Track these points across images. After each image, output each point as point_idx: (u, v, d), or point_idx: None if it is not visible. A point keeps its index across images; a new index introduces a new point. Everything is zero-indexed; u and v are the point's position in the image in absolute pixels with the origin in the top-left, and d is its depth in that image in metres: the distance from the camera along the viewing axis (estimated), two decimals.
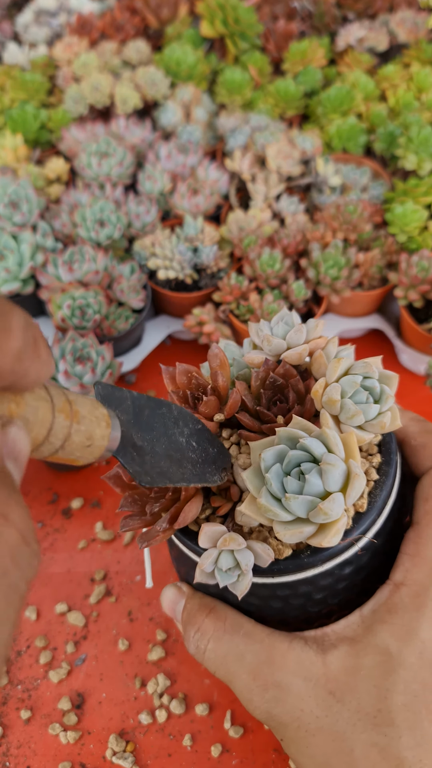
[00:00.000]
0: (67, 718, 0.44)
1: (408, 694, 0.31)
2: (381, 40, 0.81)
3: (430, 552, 0.33)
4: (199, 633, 0.34)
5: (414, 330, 0.60)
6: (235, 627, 0.34)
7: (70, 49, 0.80)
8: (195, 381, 0.33)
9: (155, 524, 0.31)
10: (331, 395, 0.31)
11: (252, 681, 0.32)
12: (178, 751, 0.43)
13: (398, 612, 0.32)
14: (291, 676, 0.32)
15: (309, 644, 0.33)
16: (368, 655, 0.32)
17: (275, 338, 0.34)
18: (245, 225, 0.64)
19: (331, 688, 0.31)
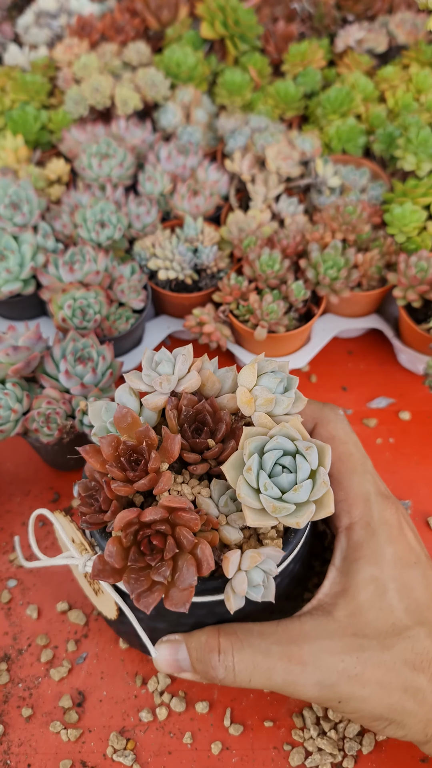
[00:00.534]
0: (68, 716, 0.45)
1: (403, 599, 0.37)
2: (380, 42, 0.81)
3: (356, 490, 0.39)
4: (222, 654, 0.35)
5: (412, 330, 0.60)
6: (247, 633, 0.36)
7: (71, 50, 0.80)
8: (123, 446, 0.34)
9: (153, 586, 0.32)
10: (264, 396, 0.35)
11: (289, 663, 0.35)
12: (179, 749, 0.43)
13: (362, 545, 0.38)
14: (317, 641, 0.35)
15: (314, 614, 0.37)
16: (361, 590, 0.37)
17: (171, 376, 0.37)
18: (245, 226, 0.64)
19: (352, 631, 0.36)
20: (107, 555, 0.32)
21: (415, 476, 0.58)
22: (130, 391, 0.39)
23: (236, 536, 0.35)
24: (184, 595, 0.32)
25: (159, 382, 0.36)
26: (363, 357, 0.67)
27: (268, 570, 0.34)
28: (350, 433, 0.42)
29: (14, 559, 0.53)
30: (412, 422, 0.62)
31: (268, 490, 0.32)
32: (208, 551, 0.32)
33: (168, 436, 0.35)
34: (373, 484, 0.40)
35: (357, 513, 0.39)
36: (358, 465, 0.40)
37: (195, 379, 0.37)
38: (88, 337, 0.53)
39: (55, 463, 0.57)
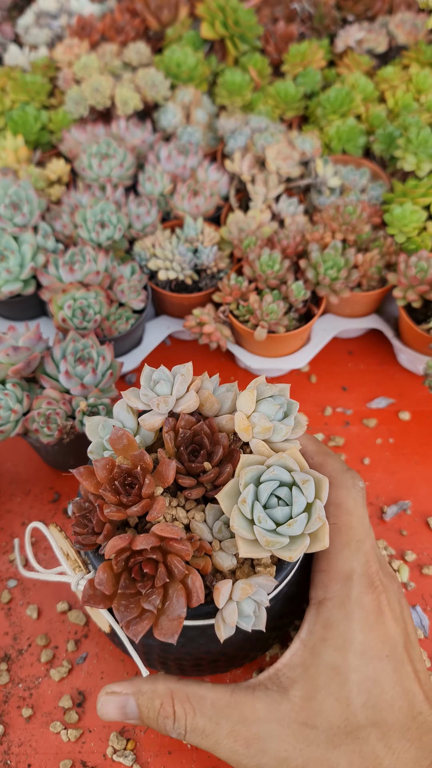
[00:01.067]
0: (68, 717, 0.45)
1: (363, 693, 0.34)
2: (380, 42, 0.81)
3: (341, 565, 0.37)
4: (177, 722, 0.35)
5: (412, 330, 0.60)
6: (200, 702, 0.35)
7: (71, 50, 0.81)
8: (117, 469, 0.34)
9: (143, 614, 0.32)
10: (263, 424, 0.34)
11: (234, 743, 0.34)
12: (179, 749, 0.43)
13: (332, 626, 0.36)
14: (266, 724, 0.34)
15: (269, 687, 0.35)
16: (320, 675, 0.35)
17: (169, 397, 0.36)
18: (245, 226, 0.64)
19: (302, 719, 0.34)
20: (97, 582, 0.31)
21: (415, 476, 0.58)
22: (127, 408, 0.38)
23: (229, 563, 0.35)
24: (173, 626, 0.31)
25: (156, 403, 0.36)
26: (363, 357, 0.67)
27: (259, 601, 0.34)
28: (359, 507, 0.39)
29: (14, 559, 0.53)
30: (412, 422, 0.62)
31: (262, 523, 0.32)
32: (198, 582, 0.32)
33: (163, 461, 0.34)
34: (362, 564, 0.37)
35: (334, 589, 0.37)
36: (353, 541, 0.38)
37: (193, 400, 0.36)
38: (88, 337, 0.53)
39: (56, 463, 0.57)
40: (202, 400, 0.37)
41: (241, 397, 0.35)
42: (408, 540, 0.54)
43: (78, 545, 0.34)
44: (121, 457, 0.35)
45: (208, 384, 0.38)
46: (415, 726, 0.34)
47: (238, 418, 0.35)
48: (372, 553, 0.38)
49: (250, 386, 0.36)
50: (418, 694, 0.35)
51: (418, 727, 0.34)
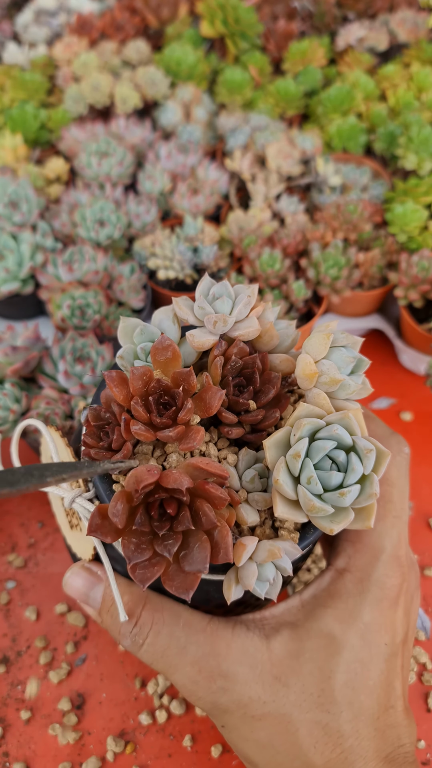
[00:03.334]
0: (67, 719, 0.44)
1: (349, 672, 0.32)
2: (381, 40, 0.81)
3: (372, 539, 0.35)
4: (138, 627, 0.32)
5: (414, 330, 0.60)
6: (174, 618, 0.32)
7: (70, 48, 0.80)
8: (155, 384, 0.30)
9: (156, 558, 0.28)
10: (332, 375, 0.30)
11: (197, 674, 0.32)
12: (179, 752, 0.43)
13: (341, 597, 0.34)
14: (237, 665, 0.32)
15: (251, 630, 0.33)
16: (311, 638, 0.33)
17: (229, 317, 0.31)
18: (245, 225, 0.64)
19: (276, 673, 0.32)
20: (112, 513, 0.27)
21: (416, 476, 0.57)
22: (174, 318, 0.33)
23: (253, 518, 0.31)
24: (188, 581, 0.27)
25: (214, 321, 0.31)
26: None
27: (281, 567, 0.30)
28: (401, 478, 0.36)
29: (13, 560, 0.52)
30: (414, 422, 0.62)
31: (310, 485, 0.29)
32: (227, 537, 0.27)
33: (209, 387, 0.30)
34: (394, 544, 0.35)
35: (357, 563, 0.35)
36: (390, 516, 0.35)
37: (254, 327, 0.32)
38: (87, 336, 0.53)
39: None
40: (262, 331, 0.33)
41: (313, 338, 0.31)
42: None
43: (87, 458, 0.30)
44: (159, 371, 0.31)
45: (270, 315, 0.34)
46: (385, 717, 0.33)
47: (305, 361, 0.30)
48: (405, 533, 0.36)
49: (322, 328, 0.31)
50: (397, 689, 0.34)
51: (386, 720, 0.33)
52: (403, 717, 0.34)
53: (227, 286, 0.33)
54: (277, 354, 0.33)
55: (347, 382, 0.30)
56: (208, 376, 0.31)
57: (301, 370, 0.30)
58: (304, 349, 0.31)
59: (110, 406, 0.30)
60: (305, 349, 0.31)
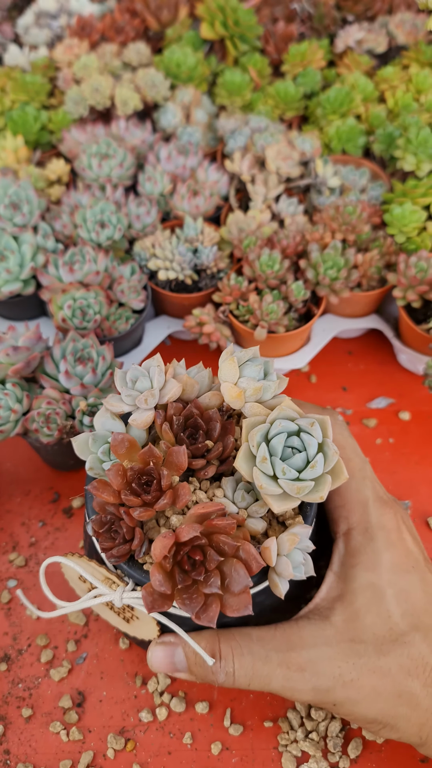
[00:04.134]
0: (68, 717, 0.45)
1: (401, 604, 0.37)
2: (380, 42, 0.81)
3: (354, 496, 0.40)
4: (223, 660, 0.36)
5: (412, 330, 0.60)
6: (246, 638, 0.37)
7: (71, 50, 0.80)
8: (130, 472, 0.34)
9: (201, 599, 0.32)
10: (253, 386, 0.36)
11: (287, 670, 0.36)
12: (178, 749, 0.43)
13: (360, 551, 0.38)
14: (314, 648, 0.36)
15: (311, 618, 0.37)
16: (358, 596, 0.37)
17: (154, 389, 0.37)
18: (245, 226, 0.64)
19: (349, 637, 0.36)
20: (157, 584, 0.31)
21: (415, 476, 0.58)
22: (111, 415, 0.38)
23: (261, 525, 0.36)
24: (242, 599, 0.32)
25: (144, 399, 0.36)
26: (363, 357, 0.67)
27: (304, 548, 0.35)
28: (348, 438, 0.42)
29: (14, 559, 0.53)
30: (412, 422, 0.62)
31: (286, 474, 0.33)
32: (252, 550, 0.32)
33: (172, 450, 0.34)
34: (372, 489, 0.40)
35: (355, 519, 0.39)
36: (357, 470, 0.40)
37: (176, 387, 0.37)
38: (88, 337, 0.53)
39: (55, 463, 0.57)
40: (183, 385, 0.38)
41: (224, 367, 0.36)
42: None
43: (113, 559, 0.34)
44: (126, 461, 0.35)
45: (180, 369, 0.39)
46: None
47: (227, 388, 0.36)
48: (374, 477, 0.41)
49: (226, 356, 0.37)
50: None
51: None
52: None
53: (136, 368, 0.38)
54: (204, 395, 0.38)
55: (266, 386, 0.36)
56: (165, 442, 0.36)
57: (228, 396, 0.36)
58: (221, 379, 0.36)
59: (105, 509, 0.35)
60: (222, 378, 0.36)
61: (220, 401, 0.38)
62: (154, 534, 0.35)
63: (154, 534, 0.35)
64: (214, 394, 0.38)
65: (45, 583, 0.40)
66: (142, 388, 0.37)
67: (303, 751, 0.43)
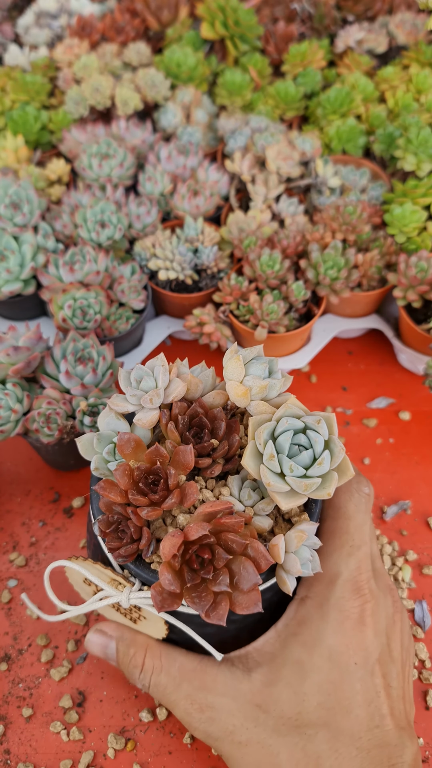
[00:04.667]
0: (68, 716, 0.45)
1: (322, 694, 0.34)
2: (380, 42, 0.81)
3: (328, 567, 0.37)
4: (143, 673, 0.38)
5: (413, 330, 0.60)
6: (170, 662, 0.37)
7: (71, 50, 0.80)
8: (137, 472, 0.34)
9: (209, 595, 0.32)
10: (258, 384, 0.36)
11: (190, 705, 0.36)
12: (179, 749, 0.43)
13: (305, 623, 0.36)
14: (221, 697, 0.36)
15: (236, 665, 0.37)
16: (285, 666, 0.35)
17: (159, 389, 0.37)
18: (245, 226, 0.64)
19: (257, 702, 0.35)
20: (167, 583, 0.31)
21: (415, 476, 0.58)
22: (115, 415, 0.38)
23: (267, 523, 0.36)
24: (252, 596, 0.32)
25: (149, 398, 0.36)
26: (363, 357, 0.67)
27: (311, 545, 0.35)
28: (360, 513, 0.38)
29: (15, 558, 0.53)
30: (412, 422, 0.62)
31: (293, 471, 0.33)
32: (260, 548, 0.32)
33: (178, 449, 0.34)
34: (352, 570, 0.37)
35: (316, 589, 0.37)
36: (346, 545, 0.37)
37: (181, 386, 0.37)
38: (89, 337, 0.53)
39: (56, 463, 0.57)
40: (187, 384, 0.38)
41: (230, 366, 0.36)
42: (408, 540, 0.54)
43: (121, 559, 0.34)
44: (132, 461, 0.35)
45: (184, 368, 0.39)
46: (368, 737, 0.34)
47: (233, 386, 0.36)
48: (366, 561, 0.38)
49: (232, 355, 0.36)
50: (381, 708, 0.35)
51: (370, 739, 0.34)
52: (395, 736, 0.34)
53: (141, 367, 0.38)
54: (209, 394, 0.38)
55: (272, 384, 0.36)
56: (171, 441, 0.36)
57: (234, 395, 0.36)
58: (227, 378, 0.36)
59: (112, 509, 0.35)
60: (228, 377, 0.36)
61: (224, 400, 0.38)
62: (162, 533, 0.35)
63: (161, 533, 0.35)
64: (219, 393, 0.38)
65: (49, 587, 0.40)
66: (147, 387, 0.37)
67: None
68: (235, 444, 0.37)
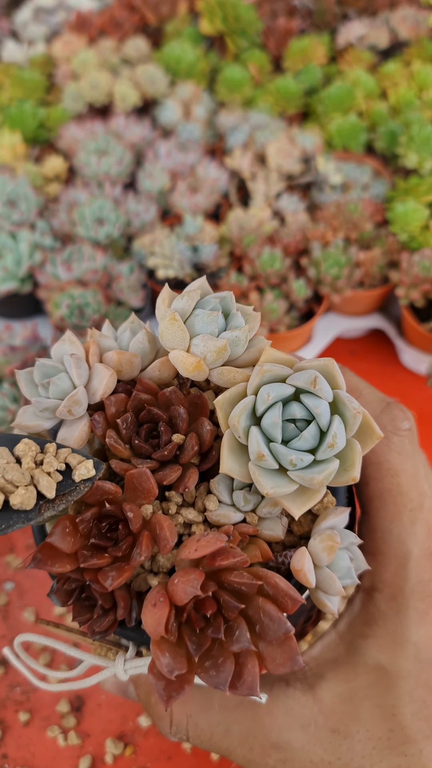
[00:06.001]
0: (66, 721, 0.44)
1: (415, 702, 0.28)
2: (382, 38, 0.80)
3: (392, 546, 0.30)
4: (175, 726, 0.30)
5: (415, 329, 0.60)
6: (206, 702, 0.29)
7: (69, 46, 0.80)
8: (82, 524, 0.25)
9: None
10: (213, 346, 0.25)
11: (249, 752, 0.29)
12: (178, 754, 0.43)
13: (378, 622, 0.29)
14: (286, 731, 0.28)
15: (291, 684, 0.29)
16: (360, 676, 0.29)
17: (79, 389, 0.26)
18: (245, 224, 0.63)
19: (332, 726, 0.28)
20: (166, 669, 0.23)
21: None
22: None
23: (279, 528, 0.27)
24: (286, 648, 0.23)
25: (66, 410, 0.26)
26: (365, 357, 0.67)
27: (349, 545, 0.27)
28: (407, 459, 0.31)
29: (11, 561, 0.52)
30: (416, 422, 0.61)
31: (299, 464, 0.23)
32: (281, 583, 0.24)
33: (131, 474, 0.25)
34: (422, 541, 0.30)
35: (384, 576, 0.30)
36: (405, 510, 0.30)
37: (108, 376, 0.26)
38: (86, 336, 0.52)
39: None
40: (116, 366, 0.27)
41: (164, 333, 0.25)
42: None
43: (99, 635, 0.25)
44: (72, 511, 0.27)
45: (105, 341, 0.28)
46: None
47: (180, 359, 0.25)
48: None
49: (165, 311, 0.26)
50: None
51: None
52: None
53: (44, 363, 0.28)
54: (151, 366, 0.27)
55: (233, 338, 0.25)
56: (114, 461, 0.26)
57: (184, 369, 0.25)
58: (167, 346, 0.26)
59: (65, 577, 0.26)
60: (168, 346, 0.26)
61: (172, 370, 0.28)
62: (143, 584, 0.26)
63: (140, 584, 0.26)
64: (163, 363, 0.27)
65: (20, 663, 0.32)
66: (62, 390, 0.26)
67: None
68: (208, 432, 0.26)
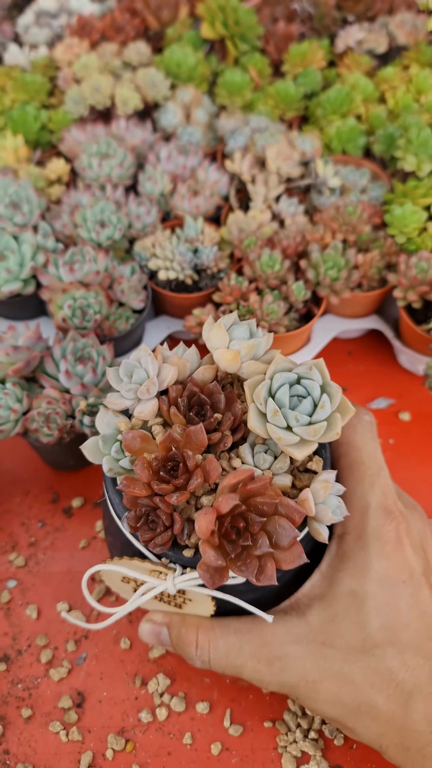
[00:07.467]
0: (67, 717, 0.44)
1: (380, 616, 0.37)
2: (380, 42, 0.81)
3: (357, 501, 0.39)
4: (199, 649, 0.38)
5: (413, 331, 0.60)
6: (224, 629, 0.38)
7: (71, 50, 0.80)
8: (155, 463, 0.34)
9: None
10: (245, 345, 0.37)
11: (257, 664, 0.37)
12: (178, 750, 0.43)
13: (349, 557, 0.38)
14: (285, 645, 0.37)
15: (289, 613, 0.38)
16: (339, 601, 0.37)
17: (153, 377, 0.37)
18: (245, 226, 0.64)
19: (320, 640, 0.37)
20: (212, 560, 0.32)
21: (415, 477, 0.58)
22: (114, 414, 0.38)
23: (288, 480, 0.36)
24: (294, 550, 0.32)
25: (145, 389, 0.37)
26: (363, 358, 0.67)
27: (336, 491, 0.36)
28: (368, 441, 0.41)
29: (14, 559, 0.52)
30: (412, 423, 0.62)
31: (299, 421, 0.34)
32: (291, 503, 0.33)
33: (189, 430, 0.35)
34: (379, 497, 0.39)
35: (351, 524, 0.39)
36: (366, 475, 0.40)
37: (173, 370, 0.37)
38: (88, 337, 0.53)
39: (55, 463, 0.57)
40: (177, 366, 0.38)
41: (213, 335, 0.37)
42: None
43: (159, 548, 0.35)
44: (146, 453, 0.36)
45: (167, 352, 0.40)
46: (430, 645, 0.36)
47: (221, 354, 0.37)
48: (388, 485, 0.40)
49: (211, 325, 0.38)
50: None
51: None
52: None
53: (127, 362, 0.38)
54: (197, 371, 0.38)
55: (257, 342, 0.37)
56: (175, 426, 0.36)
57: (224, 362, 0.37)
58: (213, 348, 0.37)
59: (138, 503, 0.35)
60: (213, 347, 0.37)
61: (213, 373, 0.39)
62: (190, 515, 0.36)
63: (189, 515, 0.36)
64: (207, 368, 0.39)
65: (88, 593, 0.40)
66: (139, 379, 0.37)
67: (303, 751, 0.43)
68: (239, 413, 0.37)
